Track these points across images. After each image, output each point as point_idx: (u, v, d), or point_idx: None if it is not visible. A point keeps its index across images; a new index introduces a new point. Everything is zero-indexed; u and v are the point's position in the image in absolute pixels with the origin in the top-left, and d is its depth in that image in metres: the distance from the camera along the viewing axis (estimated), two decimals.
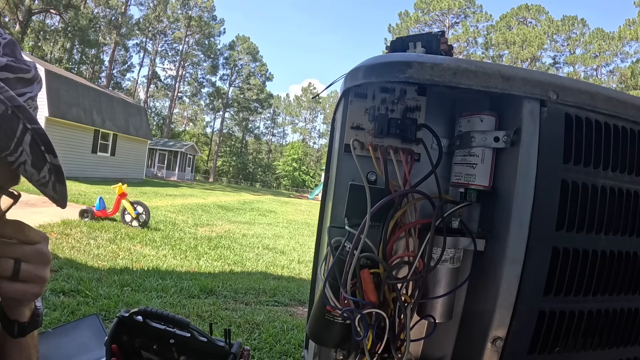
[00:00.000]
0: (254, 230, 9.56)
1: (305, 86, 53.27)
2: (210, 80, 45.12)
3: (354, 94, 0.74)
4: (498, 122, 0.67)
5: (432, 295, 0.68)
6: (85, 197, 9.60)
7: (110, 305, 3.36)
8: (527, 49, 33.79)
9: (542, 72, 0.65)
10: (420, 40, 0.83)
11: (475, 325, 0.67)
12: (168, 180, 27.19)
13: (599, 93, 0.63)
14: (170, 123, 43.42)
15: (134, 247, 5.87)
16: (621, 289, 0.66)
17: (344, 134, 0.74)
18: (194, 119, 47.76)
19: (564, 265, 0.61)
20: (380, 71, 0.63)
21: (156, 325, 1.04)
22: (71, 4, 29.21)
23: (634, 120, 0.66)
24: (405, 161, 0.71)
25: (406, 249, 0.69)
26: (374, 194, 0.67)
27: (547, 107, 0.61)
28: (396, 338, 0.66)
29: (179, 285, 4.25)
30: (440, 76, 0.59)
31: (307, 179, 46.25)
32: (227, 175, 46.64)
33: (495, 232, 0.65)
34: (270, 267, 6.03)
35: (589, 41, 34.16)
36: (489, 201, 0.68)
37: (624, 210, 0.65)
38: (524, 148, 0.61)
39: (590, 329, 0.65)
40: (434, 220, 0.64)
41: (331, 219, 0.75)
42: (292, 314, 3.98)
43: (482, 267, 0.67)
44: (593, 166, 0.63)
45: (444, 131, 0.76)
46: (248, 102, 45.33)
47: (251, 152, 50.41)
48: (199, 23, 39.97)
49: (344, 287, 0.64)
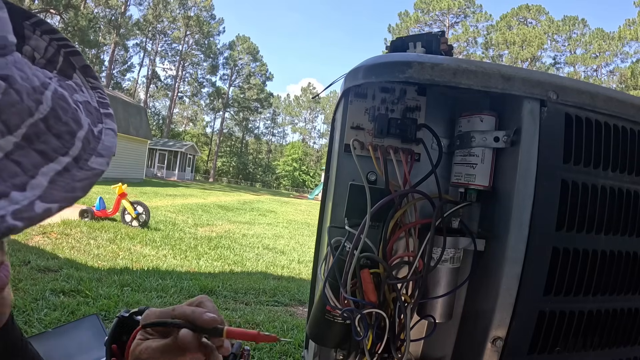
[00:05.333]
0: (254, 230, 9.56)
1: (304, 86, 53.25)
2: (210, 80, 45.13)
3: (354, 94, 0.74)
4: (498, 122, 0.67)
5: (432, 295, 0.68)
6: (85, 197, 9.57)
7: (110, 305, 3.36)
8: (527, 49, 33.80)
9: (542, 72, 0.65)
10: (420, 40, 0.83)
11: (475, 325, 0.67)
12: (168, 180, 27.19)
13: (599, 93, 0.63)
14: (170, 123, 43.42)
15: (134, 247, 5.87)
16: (621, 289, 0.66)
17: (344, 134, 0.74)
18: (194, 119, 47.74)
19: (564, 265, 0.61)
20: (380, 71, 0.63)
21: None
22: (71, 4, 29.22)
23: (634, 120, 0.66)
24: (405, 161, 0.71)
25: (406, 249, 0.69)
26: (374, 194, 0.67)
27: (547, 107, 0.61)
28: (396, 338, 0.66)
29: (179, 285, 4.25)
30: (440, 76, 0.59)
31: (307, 179, 46.25)
32: (227, 175, 46.63)
33: (495, 232, 0.65)
34: (270, 267, 6.02)
35: (589, 41, 34.16)
36: (489, 201, 0.68)
37: (624, 210, 0.65)
38: (524, 148, 0.61)
39: (590, 329, 0.65)
40: (434, 220, 0.64)
41: (331, 219, 0.75)
42: (292, 314, 3.98)
43: (482, 267, 0.67)
44: (593, 166, 0.63)
45: (444, 131, 0.76)
46: (248, 102, 45.33)
47: (251, 152, 50.41)
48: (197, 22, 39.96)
49: (344, 287, 0.64)
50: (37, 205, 0.25)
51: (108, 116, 0.37)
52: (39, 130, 0.28)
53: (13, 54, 0.28)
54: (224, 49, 44.50)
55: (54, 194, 0.26)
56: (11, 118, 0.26)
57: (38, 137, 0.28)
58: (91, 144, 0.32)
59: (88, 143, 0.32)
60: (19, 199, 0.25)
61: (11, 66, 0.27)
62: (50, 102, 0.29)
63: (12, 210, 0.24)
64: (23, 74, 0.28)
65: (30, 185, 0.26)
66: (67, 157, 0.29)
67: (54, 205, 0.26)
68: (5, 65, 0.27)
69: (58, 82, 0.33)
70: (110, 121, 0.37)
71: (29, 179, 0.26)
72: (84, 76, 0.39)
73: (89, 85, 0.39)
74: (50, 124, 0.29)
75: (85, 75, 0.39)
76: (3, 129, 0.26)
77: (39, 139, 0.28)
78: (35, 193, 0.26)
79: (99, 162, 0.32)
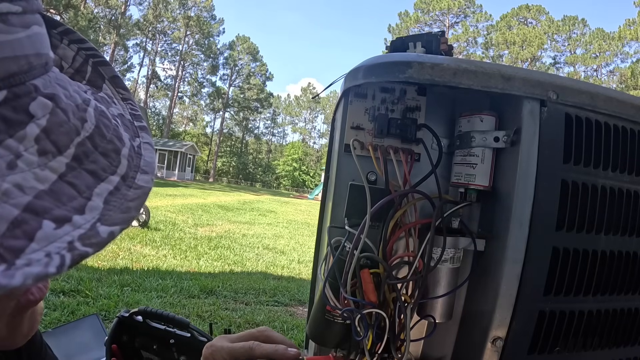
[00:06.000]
0: (254, 230, 9.56)
1: (304, 86, 53.26)
2: (210, 80, 45.14)
3: (353, 94, 0.74)
4: (498, 122, 0.67)
5: (432, 295, 0.68)
6: None
7: (110, 305, 3.36)
8: (527, 49, 33.80)
9: (542, 72, 0.65)
10: (420, 40, 0.83)
11: (475, 325, 0.67)
12: (168, 180, 27.19)
13: (599, 93, 0.63)
14: (170, 123, 43.41)
15: (134, 247, 5.87)
16: (621, 289, 0.66)
17: (344, 134, 0.74)
18: (194, 119, 47.73)
19: (564, 265, 0.61)
20: (380, 71, 0.63)
21: (156, 325, 1.04)
22: (71, 4, 29.23)
23: (634, 120, 0.66)
24: (405, 161, 0.71)
25: (406, 249, 0.69)
26: (374, 194, 0.67)
27: (547, 107, 0.61)
28: (396, 338, 0.66)
29: (179, 285, 4.25)
30: (440, 76, 0.59)
31: (307, 179, 46.25)
32: (227, 175, 46.62)
33: (495, 232, 0.65)
34: (270, 267, 6.03)
35: (589, 41, 34.16)
36: (489, 201, 0.68)
37: (624, 210, 0.65)
38: (524, 148, 0.61)
39: (590, 328, 0.65)
40: (434, 220, 0.64)
41: (331, 219, 0.75)
42: (292, 314, 3.98)
43: (482, 267, 0.67)
44: (593, 166, 0.63)
45: (444, 131, 0.76)
46: (248, 102, 45.34)
47: (251, 152, 50.42)
48: (198, 23, 39.97)
49: (343, 287, 0.64)
50: (100, 229, 0.24)
51: (143, 129, 0.36)
52: (87, 149, 0.27)
53: (53, 69, 0.28)
54: (224, 49, 44.51)
55: (112, 216, 0.26)
56: (60, 138, 0.25)
57: (87, 156, 0.27)
58: (134, 160, 0.31)
59: (132, 159, 0.31)
60: (81, 222, 0.24)
61: (54, 84, 0.27)
62: (94, 119, 0.29)
63: (78, 235, 0.23)
64: (66, 91, 0.28)
65: (88, 208, 0.25)
66: (116, 176, 0.28)
67: (116, 228, 0.25)
68: (49, 84, 0.26)
69: (92, 95, 0.32)
70: (146, 135, 0.35)
71: (85, 201, 0.25)
72: (114, 87, 0.38)
73: (119, 97, 0.37)
74: (97, 142, 0.28)
75: (115, 86, 0.38)
76: (53, 149, 0.25)
77: (88, 159, 0.27)
78: (94, 216, 0.25)
79: (145, 179, 0.31)
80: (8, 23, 0.23)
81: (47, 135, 0.25)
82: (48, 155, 0.24)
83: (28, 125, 0.24)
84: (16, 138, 0.23)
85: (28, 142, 0.24)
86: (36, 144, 0.24)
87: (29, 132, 0.24)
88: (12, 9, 0.23)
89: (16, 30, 0.23)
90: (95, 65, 0.37)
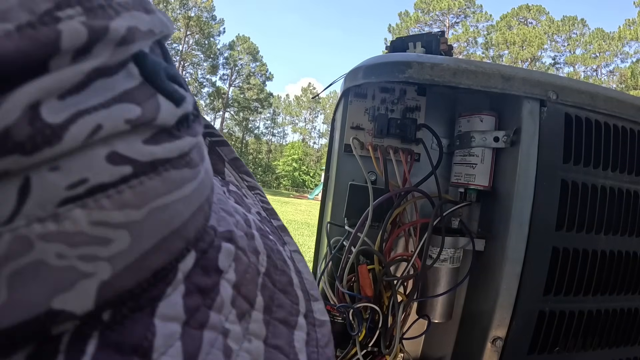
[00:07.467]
0: None
1: (304, 86, 53.24)
2: (210, 80, 45.14)
3: (353, 94, 0.74)
4: (498, 122, 0.67)
5: (431, 295, 0.68)
6: None
7: None
8: (527, 49, 33.78)
9: (542, 72, 0.65)
10: (420, 40, 0.83)
11: (475, 325, 0.67)
12: None
13: (598, 93, 0.63)
14: None
15: None
16: (621, 289, 0.66)
17: (344, 134, 0.74)
18: None
19: (564, 265, 0.61)
20: (380, 71, 0.63)
21: None
22: None
23: (634, 120, 0.66)
24: (405, 161, 0.71)
25: (405, 248, 0.70)
26: (374, 194, 0.67)
27: (547, 107, 0.61)
28: (387, 333, 0.66)
29: None
30: (440, 76, 0.59)
31: (307, 179, 46.24)
32: None
33: (495, 232, 0.65)
34: None
35: (589, 41, 34.16)
36: (489, 201, 0.68)
37: (623, 210, 0.65)
38: (524, 148, 0.61)
39: (590, 328, 0.65)
40: (432, 220, 0.64)
41: (331, 219, 0.75)
42: None
43: (482, 267, 0.67)
44: (593, 166, 0.63)
45: (444, 131, 0.76)
46: (248, 102, 45.35)
47: (251, 152, 50.42)
48: (198, 23, 39.98)
49: (339, 282, 0.65)
50: None
51: (283, 230, 0.28)
52: (270, 291, 0.21)
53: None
54: (224, 49, 44.51)
55: None
56: (250, 289, 0.19)
57: (272, 301, 0.21)
58: (301, 285, 0.24)
59: (300, 284, 0.24)
60: None
61: (218, 207, 0.20)
62: (262, 246, 0.22)
63: None
64: (234, 219, 0.21)
65: None
66: (301, 317, 0.22)
67: None
68: (223, 218, 0.20)
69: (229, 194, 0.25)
70: (289, 239, 0.28)
71: None
72: (237, 172, 0.30)
73: (244, 184, 0.30)
74: (274, 278, 0.22)
75: (238, 171, 0.30)
76: (247, 306, 0.19)
77: (274, 303, 0.21)
78: None
79: (321, 309, 0.23)
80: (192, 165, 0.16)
81: (239, 291, 0.19)
82: (246, 317, 0.18)
83: (220, 286, 0.18)
84: (215, 309, 0.17)
85: (226, 309, 0.18)
86: (233, 307, 0.18)
87: (224, 294, 0.18)
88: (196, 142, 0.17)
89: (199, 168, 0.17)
90: (212, 145, 0.29)
